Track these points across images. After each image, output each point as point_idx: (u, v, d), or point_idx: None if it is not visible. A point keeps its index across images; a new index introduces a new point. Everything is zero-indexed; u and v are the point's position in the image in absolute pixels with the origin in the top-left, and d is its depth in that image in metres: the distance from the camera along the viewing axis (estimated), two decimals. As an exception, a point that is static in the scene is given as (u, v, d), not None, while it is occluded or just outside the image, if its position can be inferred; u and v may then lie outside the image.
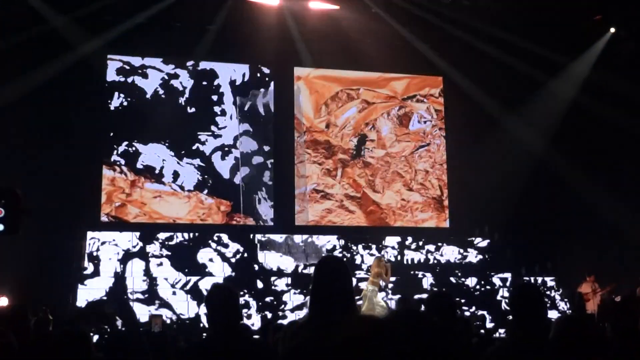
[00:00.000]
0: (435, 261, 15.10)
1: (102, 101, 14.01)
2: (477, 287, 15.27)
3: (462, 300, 14.14)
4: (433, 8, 14.16)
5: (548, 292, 15.41)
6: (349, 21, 14.47)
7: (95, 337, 9.28)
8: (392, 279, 13.17)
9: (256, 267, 14.11)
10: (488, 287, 15.21)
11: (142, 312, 12.97)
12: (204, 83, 14.67)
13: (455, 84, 15.42)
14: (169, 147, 14.20)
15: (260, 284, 14.00)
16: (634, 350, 5.67)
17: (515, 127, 15.11)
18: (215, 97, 14.68)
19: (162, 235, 13.71)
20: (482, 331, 11.36)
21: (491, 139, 15.03)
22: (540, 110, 15.23)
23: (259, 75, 15.06)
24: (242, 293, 13.11)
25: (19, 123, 12.71)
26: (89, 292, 12.89)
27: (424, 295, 14.39)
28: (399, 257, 14.84)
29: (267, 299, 13.94)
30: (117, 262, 13.28)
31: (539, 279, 15.30)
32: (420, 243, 15.14)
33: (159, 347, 4.76)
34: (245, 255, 14.10)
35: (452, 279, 14.85)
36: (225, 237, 14.03)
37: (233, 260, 13.99)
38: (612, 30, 15.04)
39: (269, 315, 13.54)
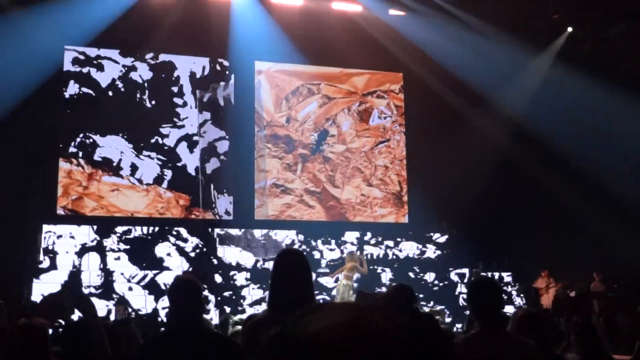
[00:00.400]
0: (394, 256, 15.20)
1: (58, 92, 13.75)
2: (436, 282, 15.43)
3: (421, 295, 14.27)
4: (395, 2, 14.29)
5: (505, 288, 15.63)
6: (310, 15, 14.47)
7: (51, 330, 9.11)
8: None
9: (215, 261, 14.02)
10: (446, 282, 15.37)
11: (99, 307, 12.77)
12: (163, 76, 14.50)
13: (416, 80, 15.51)
14: (128, 139, 14.02)
15: (219, 279, 13.93)
16: (587, 344, 5.80)
17: (475, 124, 15.24)
18: (175, 90, 14.53)
19: (119, 229, 13.54)
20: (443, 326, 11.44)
21: (451, 135, 15.15)
22: (501, 107, 15.40)
23: (219, 68, 14.94)
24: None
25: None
26: (45, 286, 12.67)
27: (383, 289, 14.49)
28: (358, 253, 14.89)
29: (226, 294, 13.88)
30: (73, 255, 13.08)
31: (496, 275, 15.51)
32: (380, 239, 15.23)
33: (120, 335, 4.68)
34: (204, 249, 14.01)
35: (411, 274, 14.95)
36: (184, 232, 13.92)
37: (192, 254, 13.89)
38: (570, 29, 15.33)
39: (227, 310, 13.48)
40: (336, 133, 15.58)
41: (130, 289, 13.25)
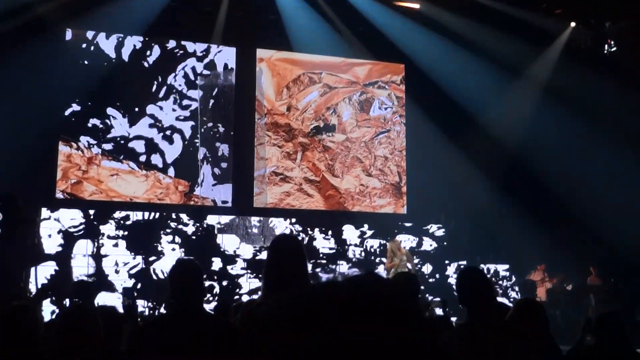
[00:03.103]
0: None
1: (59, 70, 13.43)
2: (432, 274, 15.49)
3: (422, 287, 14.30)
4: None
5: (501, 282, 15.68)
6: (313, 4, 14.43)
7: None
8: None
9: (213, 249, 14.01)
10: (446, 274, 15.41)
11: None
12: (165, 59, 14.40)
13: (418, 71, 15.46)
14: (128, 122, 13.91)
15: (216, 267, 13.92)
16: (582, 336, 5.81)
17: (478, 119, 15.22)
18: (176, 75, 14.45)
19: (117, 215, 13.50)
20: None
21: (451, 128, 15.15)
22: (501, 102, 15.38)
23: (221, 55, 14.87)
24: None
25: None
26: (42, 271, 12.64)
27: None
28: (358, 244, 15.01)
29: (224, 283, 13.88)
30: (69, 240, 13.05)
31: (492, 267, 15.55)
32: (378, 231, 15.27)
33: (122, 322, 4.66)
34: (202, 236, 13.99)
35: (409, 265, 14.95)
36: (183, 217, 13.90)
37: (189, 241, 13.87)
38: (573, 24, 15.31)
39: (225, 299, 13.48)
40: (336, 122, 15.56)
41: (117, 272, 13.20)
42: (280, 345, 0.93)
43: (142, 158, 13.92)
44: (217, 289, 13.68)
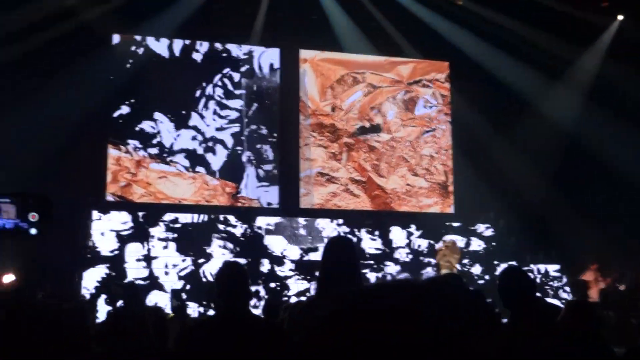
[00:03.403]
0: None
1: (106, 73, 13.58)
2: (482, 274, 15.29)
3: (471, 288, 14.11)
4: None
5: (551, 283, 15.39)
6: (354, 3, 14.39)
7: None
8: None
9: (260, 251, 14.05)
10: (495, 275, 15.18)
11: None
12: (211, 61, 14.53)
13: (463, 68, 15.31)
14: (175, 125, 14.06)
15: (264, 269, 13.96)
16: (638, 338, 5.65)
17: (525, 115, 15.03)
18: (220, 77, 14.56)
19: (167, 217, 13.64)
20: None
21: (498, 126, 14.98)
22: (547, 99, 15.14)
23: (265, 56, 14.94)
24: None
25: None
26: (93, 273, 12.88)
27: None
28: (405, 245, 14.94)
29: (271, 284, 13.91)
30: (119, 242, 13.23)
31: (543, 267, 15.28)
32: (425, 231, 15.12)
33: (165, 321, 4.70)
34: (250, 238, 14.04)
35: (458, 266, 14.79)
36: (230, 219, 13.98)
37: (238, 243, 13.94)
38: (620, 17, 14.99)
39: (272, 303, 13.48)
40: (381, 122, 15.49)
41: (166, 273, 13.33)
42: (320, 347, 0.93)
43: (189, 160, 14.06)
44: (262, 293, 13.71)
